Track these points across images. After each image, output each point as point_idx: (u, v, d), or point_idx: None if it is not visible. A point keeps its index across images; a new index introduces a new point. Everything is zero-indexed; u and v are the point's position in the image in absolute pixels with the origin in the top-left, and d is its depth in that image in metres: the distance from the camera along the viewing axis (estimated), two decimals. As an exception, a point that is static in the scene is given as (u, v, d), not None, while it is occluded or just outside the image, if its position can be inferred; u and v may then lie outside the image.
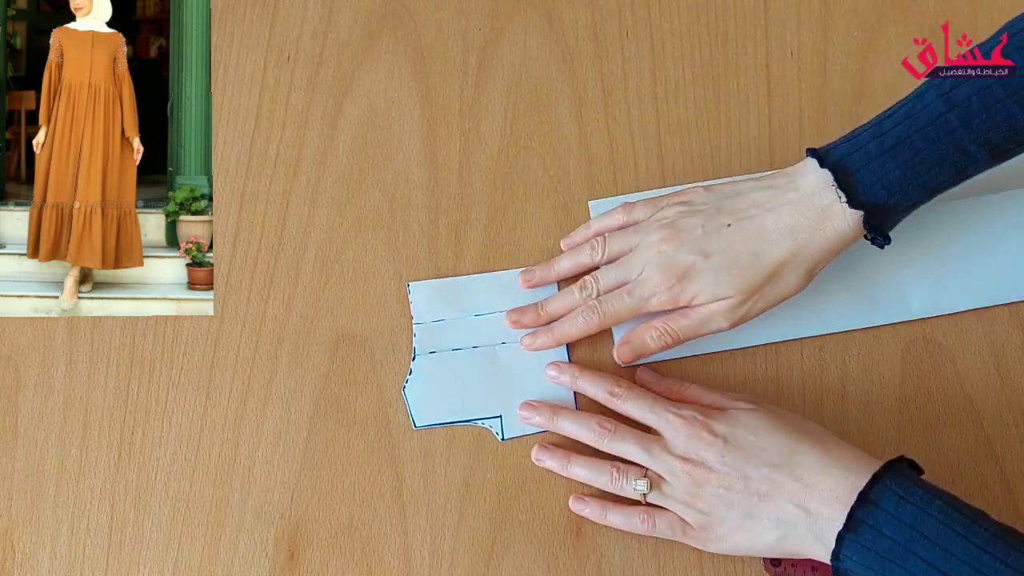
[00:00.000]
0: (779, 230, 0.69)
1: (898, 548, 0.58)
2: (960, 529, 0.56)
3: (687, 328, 0.73)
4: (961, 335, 0.78)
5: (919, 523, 0.57)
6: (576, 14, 0.86)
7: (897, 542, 0.58)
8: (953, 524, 0.57)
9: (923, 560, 0.57)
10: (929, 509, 0.58)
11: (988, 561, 0.55)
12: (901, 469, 0.61)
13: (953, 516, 0.57)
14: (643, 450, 0.70)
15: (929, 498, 0.58)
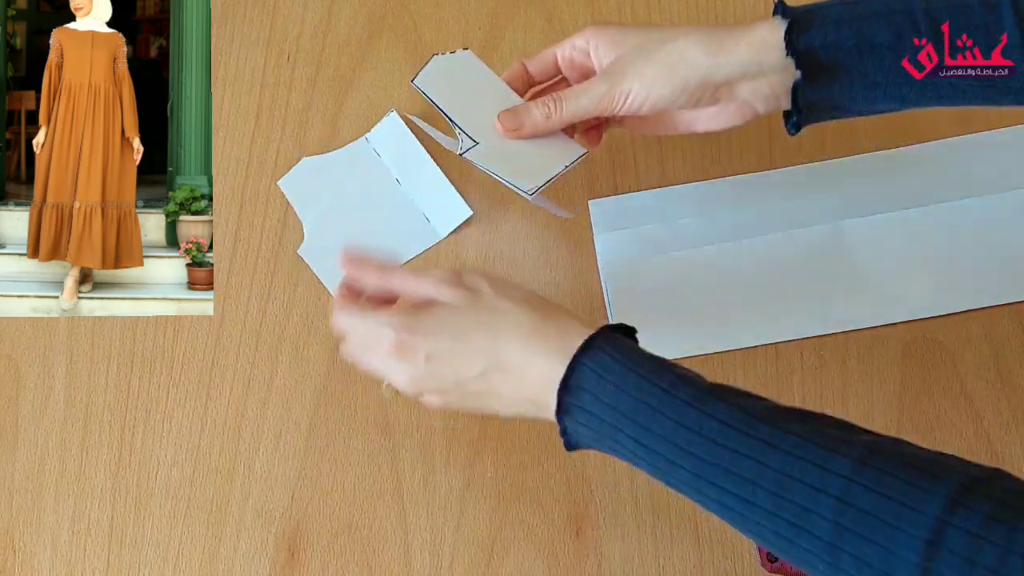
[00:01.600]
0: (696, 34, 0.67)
1: (606, 425, 0.57)
2: (654, 403, 0.55)
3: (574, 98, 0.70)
4: (961, 335, 0.78)
5: (618, 401, 0.56)
6: (576, 14, 0.86)
7: (604, 420, 0.57)
8: (648, 399, 0.55)
9: (627, 435, 0.56)
10: (625, 386, 0.56)
11: (682, 433, 0.54)
12: (602, 344, 0.58)
13: (648, 390, 0.55)
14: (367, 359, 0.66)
15: (625, 373, 0.56)
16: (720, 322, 0.79)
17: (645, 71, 0.66)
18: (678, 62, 0.66)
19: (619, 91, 0.67)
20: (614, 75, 0.67)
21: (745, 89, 0.66)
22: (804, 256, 0.79)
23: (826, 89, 0.65)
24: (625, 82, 0.67)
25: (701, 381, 0.57)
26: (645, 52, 0.67)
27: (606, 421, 0.57)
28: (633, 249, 0.80)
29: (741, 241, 0.79)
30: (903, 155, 0.82)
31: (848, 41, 0.63)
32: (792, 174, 0.82)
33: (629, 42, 0.67)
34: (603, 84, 0.68)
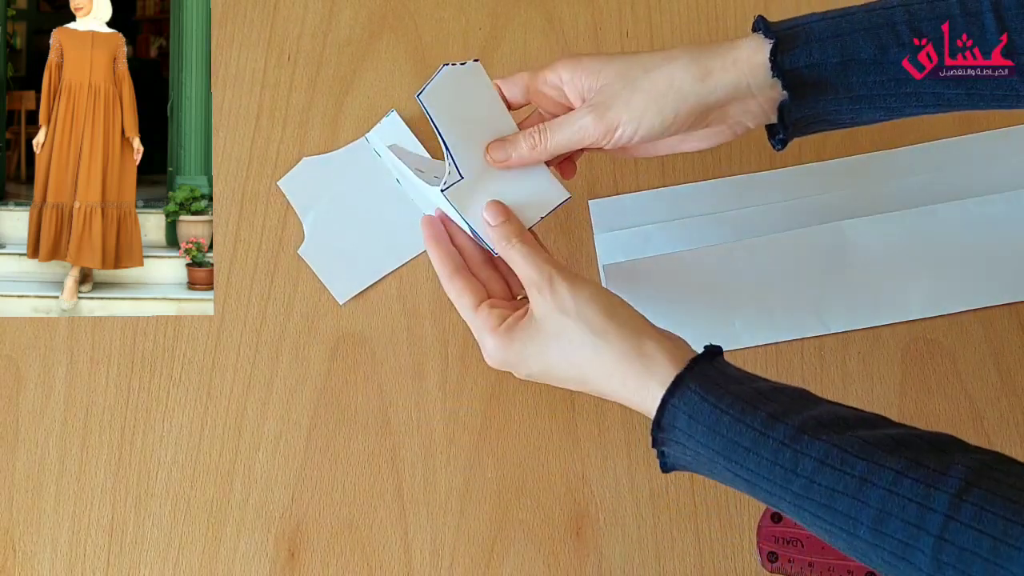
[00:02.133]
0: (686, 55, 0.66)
1: (702, 461, 0.59)
2: (748, 443, 0.56)
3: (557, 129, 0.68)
4: (961, 335, 0.78)
5: (712, 441, 0.57)
6: (576, 13, 0.86)
7: (700, 456, 0.58)
8: (742, 439, 0.56)
9: (726, 470, 0.58)
10: (717, 427, 0.57)
11: (779, 471, 0.55)
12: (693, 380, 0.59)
13: (742, 431, 0.56)
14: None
15: (717, 415, 0.57)
16: (720, 322, 0.79)
17: (632, 102, 0.64)
18: (666, 90, 0.64)
19: (607, 123, 0.65)
20: (600, 106, 0.65)
21: (735, 109, 0.65)
22: (804, 256, 0.79)
23: (812, 105, 0.65)
24: (612, 113, 0.64)
25: (794, 414, 0.57)
26: (630, 81, 0.64)
27: (701, 456, 0.58)
28: (633, 249, 0.80)
29: (741, 241, 0.79)
30: (903, 155, 0.82)
31: (833, 58, 0.63)
32: (792, 174, 0.82)
33: (610, 71, 0.65)
34: (588, 115, 0.65)
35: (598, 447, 0.77)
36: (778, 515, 0.75)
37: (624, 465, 0.77)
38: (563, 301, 0.62)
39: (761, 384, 0.59)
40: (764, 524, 0.75)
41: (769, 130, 0.67)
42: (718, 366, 0.60)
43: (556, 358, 0.63)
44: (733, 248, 0.79)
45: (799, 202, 0.81)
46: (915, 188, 0.80)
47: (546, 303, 0.63)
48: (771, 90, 0.64)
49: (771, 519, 0.75)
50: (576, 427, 0.78)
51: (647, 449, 0.77)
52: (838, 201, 0.80)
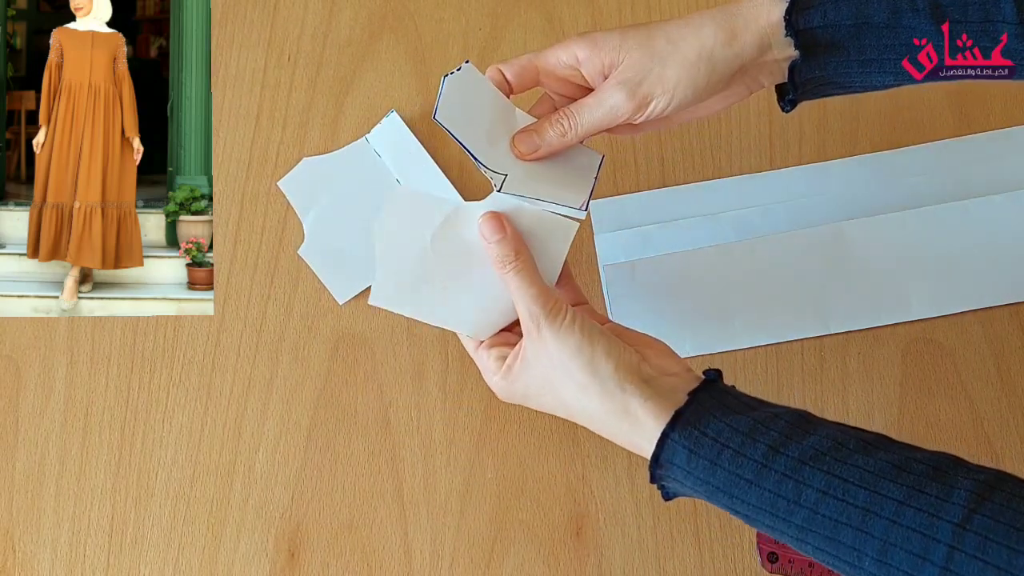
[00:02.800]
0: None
1: (700, 494, 0.59)
2: (750, 476, 0.56)
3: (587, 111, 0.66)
4: (961, 335, 0.78)
5: (712, 477, 0.57)
6: (576, 14, 0.86)
7: (698, 491, 0.58)
8: (743, 472, 0.56)
9: (726, 506, 0.58)
10: (719, 460, 0.57)
11: (781, 504, 0.55)
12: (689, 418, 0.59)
13: (743, 464, 0.56)
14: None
15: (719, 448, 0.57)
16: (720, 322, 0.79)
17: (665, 75, 0.63)
18: (697, 59, 0.63)
19: (639, 99, 0.63)
20: (629, 82, 0.63)
21: (755, 69, 0.65)
22: (804, 256, 0.79)
23: (822, 66, 0.65)
24: (644, 88, 0.63)
25: (794, 444, 0.56)
26: (658, 54, 0.63)
27: (699, 492, 0.58)
28: (633, 249, 0.80)
29: (741, 241, 0.79)
30: (903, 155, 0.82)
31: (846, 20, 0.63)
32: (792, 174, 0.82)
33: (632, 45, 0.64)
34: (619, 93, 0.64)
35: (598, 447, 0.77)
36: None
37: (624, 465, 0.77)
38: (549, 350, 0.62)
39: (760, 412, 0.59)
40: (764, 524, 0.75)
41: (779, 90, 0.67)
42: (715, 395, 0.60)
43: (552, 401, 0.63)
44: (733, 248, 0.79)
45: (799, 202, 0.81)
46: (915, 188, 0.80)
47: (534, 347, 0.63)
48: (786, 48, 0.64)
49: (771, 519, 0.75)
50: (576, 427, 0.77)
51: (647, 449, 0.77)
52: (838, 201, 0.80)
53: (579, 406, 0.62)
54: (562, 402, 0.63)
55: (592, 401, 0.61)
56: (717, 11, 0.64)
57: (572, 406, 0.62)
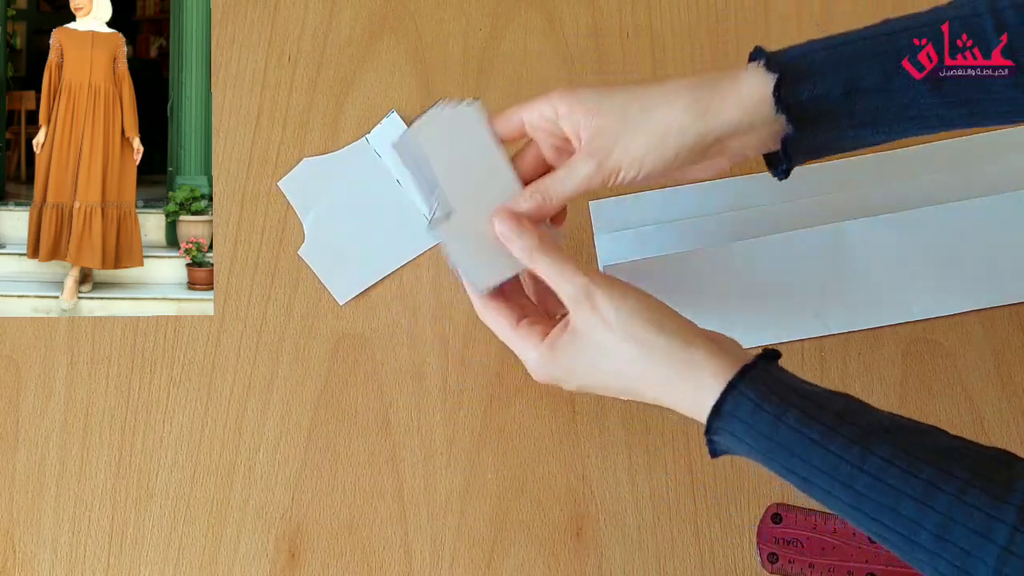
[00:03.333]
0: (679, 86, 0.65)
1: (757, 453, 0.58)
2: (816, 436, 0.55)
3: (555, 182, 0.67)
4: (961, 335, 0.79)
5: (775, 433, 0.56)
6: (576, 14, 0.86)
7: (756, 448, 0.57)
8: (810, 432, 0.55)
9: (782, 466, 0.57)
10: (784, 417, 0.56)
11: (844, 468, 0.54)
12: (757, 375, 0.58)
13: (809, 424, 0.56)
14: None
15: (784, 406, 0.56)
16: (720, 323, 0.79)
17: (633, 145, 0.63)
18: (666, 132, 0.63)
19: (608, 170, 0.64)
20: (600, 152, 0.64)
21: (735, 143, 0.64)
22: (804, 256, 0.79)
23: (814, 135, 0.64)
24: (613, 159, 0.63)
25: (859, 417, 0.56)
26: (630, 122, 0.63)
27: (756, 449, 0.57)
28: (633, 249, 0.80)
29: (741, 241, 0.79)
30: (903, 155, 0.82)
31: (836, 89, 0.62)
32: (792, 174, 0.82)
33: (607, 108, 0.64)
34: (589, 163, 0.64)
35: (598, 447, 0.77)
36: (779, 516, 0.75)
37: (624, 465, 0.77)
38: (606, 314, 0.61)
39: (821, 389, 0.59)
40: (764, 525, 0.75)
41: (769, 159, 0.66)
42: (775, 371, 0.60)
43: (605, 371, 0.62)
44: (733, 248, 0.79)
45: (799, 202, 0.81)
46: (916, 188, 0.80)
47: (588, 317, 0.61)
48: (774, 124, 0.63)
49: (772, 520, 0.75)
50: (576, 427, 0.78)
51: (647, 449, 0.77)
52: (838, 201, 0.80)
53: (638, 370, 0.61)
54: (616, 372, 0.61)
55: (655, 360, 0.60)
56: (695, 82, 0.64)
57: (629, 373, 0.61)
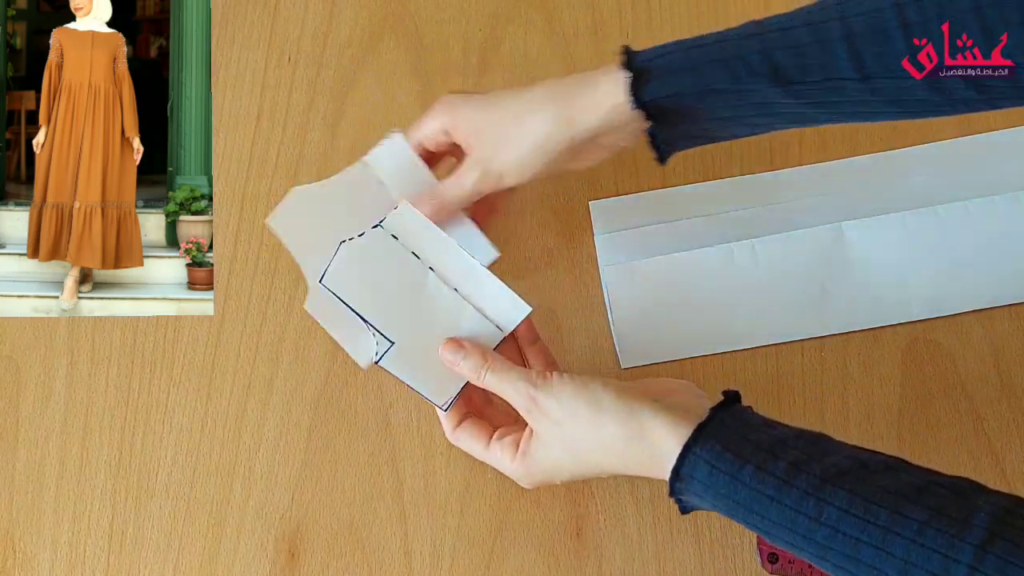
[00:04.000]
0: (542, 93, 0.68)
1: (720, 509, 0.59)
2: (772, 492, 0.56)
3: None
4: (961, 335, 0.79)
5: (733, 493, 0.57)
6: (576, 15, 0.86)
7: (718, 506, 0.59)
8: (764, 488, 0.56)
9: (744, 521, 0.58)
10: (740, 475, 0.57)
11: (802, 520, 0.55)
12: (713, 431, 0.60)
13: (764, 480, 0.57)
14: None
15: (740, 463, 0.57)
16: (720, 322, 0.79)
17: (511, 156, 0.68)
18: (536, 142, 0.67)
19: (494, 176, 0.69)
20: (483, 161, 0.69)
21: (606, 140, 0.68)
22: (804, 256, 0.79)
23: (679, 127, 0.67)
24: (495, 167, 0.68)
25: (815, 462, 0.57)
26: (504, 134, 0.68)
27: (719, 507, 0.59)
28: (633, 250, 0.80)
29: (741, 242, 0.80)
30: (903, 155, 0.82)
31: (689, 88, 0.65)
32: (792, 174, 0.82)
33: (484, 121, 0.69)
34: (475, 170, 0.69)
35: (598, 447, 0.77)
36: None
37: (624, 465, 0.77)
38: (552, 413, 0.64)
39: (780, 431, 0.59)
40: (764, 524, 0.75)
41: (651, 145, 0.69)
42: (736, 414, 0.61)
43: (578, 461, 0.65)
44: (733, 248, 0.79)
45: (799, 202, 0.81)
46: (915, 188, 0.80)
47: (540, 421, 0.64)
48: (637, 120, 0.66)
49: (771, 519, 0.75)
50: (576, 427, 0.78)
51: (647, 449, 0.77)
52: (838, 201, 0.80)
53: (600, 450, 0.63)
54: (584, 458, 0.64)
55: (609, 437, 0.62)
56: (559, 90, 0.68)
57: (594, 453, 0.64)
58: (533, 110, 0.67)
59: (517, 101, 0.68)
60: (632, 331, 0.79)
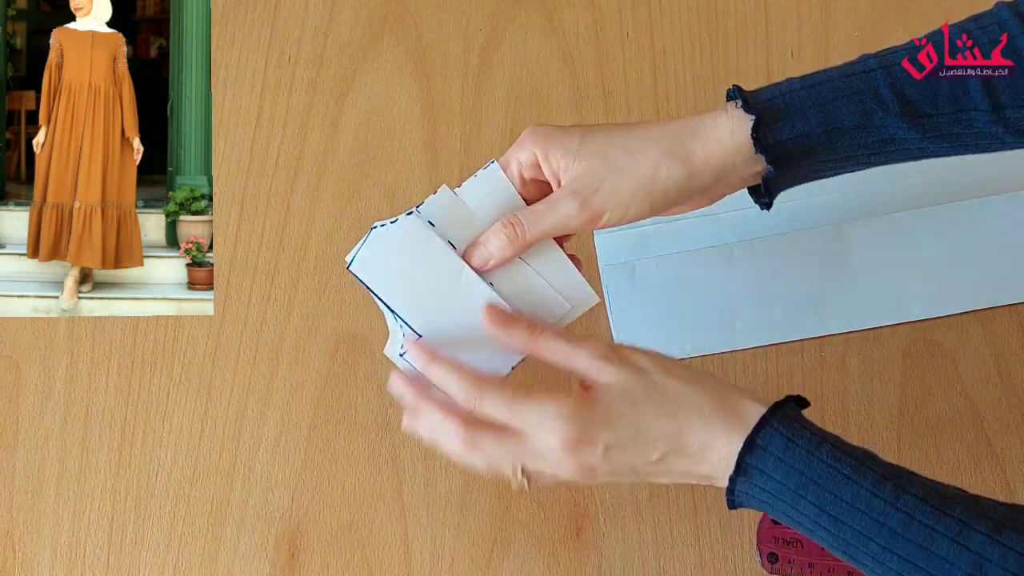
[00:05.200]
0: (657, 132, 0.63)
1: (787, 491, 0.56)
2: (848, 472, 0.55)
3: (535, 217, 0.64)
4: (961, 336, 0.79)
5: (808, 467, 0.55)
6: (576, 14, 0.86)
7: (787, 486, 0.56)
8: (842, 467, 0.55)
9: (813, 504, 0.55)
10: (817, 452, 0.55)
11: (878, 504, 0.54)
12: (788, 411, 0.58)
13: (842, 459, 0.55)
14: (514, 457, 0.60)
15: (817, 441, 0.56)
16: (720, 322, 0.79)
17: (618, 191, 0.62)
18: (652, 178, 0.62)
19: (592, 212, 0.62)
20: (583, 193, 0.62)
21: (718, 184, 0.64)
22: (804, 256, 0.79)
23: (796, 169, 0.64)
24: (597, 201, 0.62)
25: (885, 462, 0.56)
26: (615, 168, 0.62)
27: (788, 487, 0.56)
28: (633, 249, 0.80)
29: (741, 241, 0.80)
30: (903, 155, 0.82)
31: (816, 128, 0.62)
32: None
33: (589, 152, 0.62)
34: (572, 203, 0.62)
35: (598, 447, 0.77)
36: (778, 515, 0.75)
37: (624, 465, 0.77)
38: (640, 362, 0.59)
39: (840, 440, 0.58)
40: (764, 525, 0.75)
41: (752, 191, 0.66)
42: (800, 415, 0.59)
43: (650, 413, 0.58)
44: (733, 248, 0.79)
45: (799, 202, 0.81)
46: (915, 189, 0.80)
47: (620, 371, 0.59)
48: (755, 164, 0.62)
49: (771, 520, 0.75)
50: (576, 427, 0.78)
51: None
52: (838, 201, 0.80)
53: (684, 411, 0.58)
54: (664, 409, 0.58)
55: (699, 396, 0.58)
56: (675, 127, 0.63)
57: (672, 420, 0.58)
58: (647, 144, 0.62)
59: (628, 135, 0.63)
60: (632, 331, 0.79)
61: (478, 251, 0.64)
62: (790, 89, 0.63)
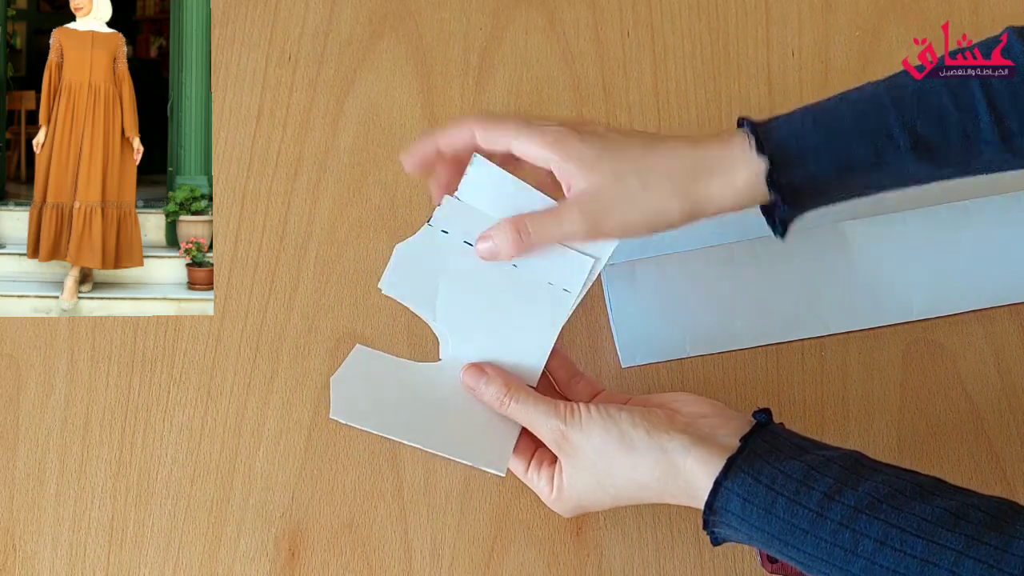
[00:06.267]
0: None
1: (756, 542, 0.60)
2: (806, 525, 0.56)
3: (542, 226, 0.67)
4: (962, 335, 0.79)
5: (766, 525, 0.58)
6: (577, 14, 0.86)
7: (753, 536, 0.59)
8: (799, 521, 0.57)
9: (780, 553, 0.58)
10: (773, 508, 0.57)
11: (838, 553, 0.55)
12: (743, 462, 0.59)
13: (799, 513, 0.57)
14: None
15: (773, 496, 0.57)
16: (720, 322, 0.79)
17: (627, 220, 0.64)
18: (660, 214, 0.63)
19: (596, 232, 0.64)
20: (592, 216, 0.64)
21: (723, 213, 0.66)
22: (804, 256, 0.79)
23: (807, 204, 0.65)
24: (605, 227, 0.64)
25: (849, 491, 0.57)
26: (626, 197, 0.63)
27: (754, 538, 0.59)
28: (633, 249, 0.80)
29: (741, 241, 0.79)
30: (903, 155, 0.82)
31: (828, 168, 0.63)
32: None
33: (603, 170, 0.63)
34: (580, 223, 0.64)
35: (598, 447, 0.77)
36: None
37: (624, 465, 0.77)
38: (583, 452, 0.64)
39: (814, 456, 0.59)
40: (764, 524, 0.75)
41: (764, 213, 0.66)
42: (768, 439, 0.61)
43: (609, 496, 0.65)
44: (733, 248, 0.79)
45: (799, 202, 0.81)
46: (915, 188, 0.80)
47: (570, 457, 0.64)
48: (765, 198, 0.64)
49: (771, 519, 0.75)
50: (576, 427, 0.78)
51: (647, 449, 0.77)
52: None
53: (635, 487, 0.64)
54: (618, 491, 0.64)
55: (642, 476, 0.63)
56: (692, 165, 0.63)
57: (628, 489, 0.64)
58: (661, 180, 0.63)
59: (644, 160, 0.63)
60: (632, 331, 0.79)
61: (485, 244, 0.67)
62: (803, 129, 0.63)
